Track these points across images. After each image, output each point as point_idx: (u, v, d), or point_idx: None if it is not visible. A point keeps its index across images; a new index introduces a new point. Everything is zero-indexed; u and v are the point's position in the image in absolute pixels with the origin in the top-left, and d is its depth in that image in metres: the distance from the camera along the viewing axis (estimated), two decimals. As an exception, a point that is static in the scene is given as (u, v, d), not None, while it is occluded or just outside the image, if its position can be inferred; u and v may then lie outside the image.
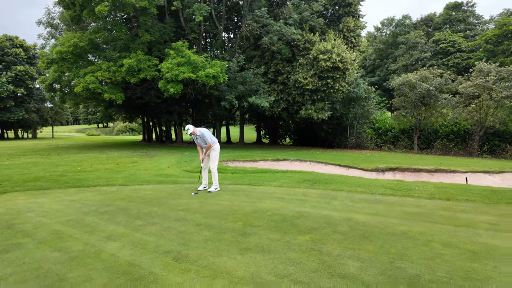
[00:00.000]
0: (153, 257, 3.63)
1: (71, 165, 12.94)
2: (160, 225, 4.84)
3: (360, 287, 2.83)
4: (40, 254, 3.79)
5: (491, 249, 3.59)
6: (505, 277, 2.95)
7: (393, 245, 3.77)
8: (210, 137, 7.00)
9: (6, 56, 48.08)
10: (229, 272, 3.20)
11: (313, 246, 3.80)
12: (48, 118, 56.43)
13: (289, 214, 5.14)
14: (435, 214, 5.00)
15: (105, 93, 21.11)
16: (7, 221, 5.20)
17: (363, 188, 6.99)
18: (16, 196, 7.30)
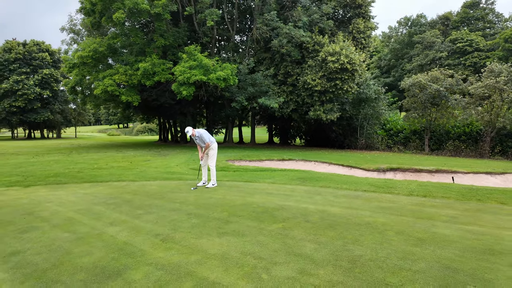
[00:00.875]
0: (145, 238, 4.30)
1: (89, 163, 13.97)
2: (157, 214, 5.52)
3: (308, 262, 3.38)
4: (53, 234, 4.54)
5: (438, 237, 4.04)
6: (437, 258, 3.41)
7: (352, 232, 4.28)
8: (208, 138, 7.65)
9: (34, 60, 50.81)
10: (204, 250, 3.82)
11: (281, 232, 4.36)
12: (71, 118, 59.10)
13: (271, 207, 5.71)
14: (405, 208, 5.43)
15: (122, 96, 22.27)
16: (29, 209, 6.03)
17: (349, 185, 7.45)
18: (38, 189, 8.20)
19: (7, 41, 51.42)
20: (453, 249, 3.65)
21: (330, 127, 26.93)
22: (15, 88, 47.13)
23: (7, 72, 48.36)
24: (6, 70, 48.45)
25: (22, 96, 47.67)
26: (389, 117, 28.78)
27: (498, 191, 7.03)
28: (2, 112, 48.09)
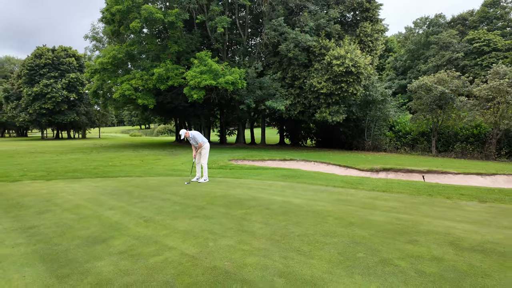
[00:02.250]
0: (132, 219, 5.37)
1: (104, 161, 15.41)
2: (149, 202, 6.60)
3: (249, 236, 4.31)
4: (62, 215, 5.69)
5: (366, 222, 4.85)
6: (352, 236, 4.24)
7: (298, 217, 5.16)
8: (201, 138, 8.69)
9: (62, 65, 54.09)
10: (174, 228, 4.82)
11: (242, 216, 5.31)
12: (95, 120, 62.29)
13: (244, 198, 6.66)
14: (358, 200, 6.23)
15: (139, 99, 23.83)
16: (47, 197, 7.28)
17: (324, 181, 8.27)
18: (57, 182, 9.53)
19: (38, 47, 55.04)
20: (371, 230, 4.47)
21: (338, 129, 27.45)
22: (44, 92, 50.44)
23: (38, 77, 51.81)
24: (37, 75, 51.92)
25: (50, 99, 50.95)
26: (398, 118, 28.92)
27: (455, 187, 7.63)
28: (33, 114, 51.56)
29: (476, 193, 6.79)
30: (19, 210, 6.13)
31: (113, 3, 22.49)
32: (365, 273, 3.20)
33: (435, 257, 3.53)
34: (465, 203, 5.99)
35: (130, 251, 3.92)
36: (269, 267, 3.38)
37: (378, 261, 3.48)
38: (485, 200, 6.14)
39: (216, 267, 3.42)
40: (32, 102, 51.47)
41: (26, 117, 52.28)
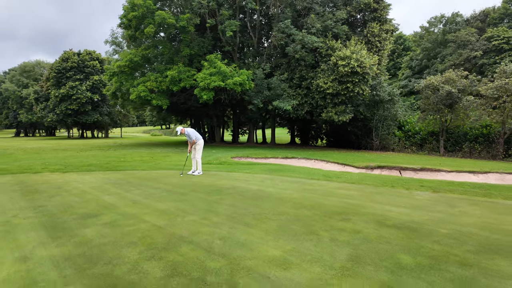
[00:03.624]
0: (124, 202, 6.33)
1: (118, 157, 16.70)
2: (143, 190, 7.57)
3: (212, 214, 5.14)
4: (68, 198, 6.74)
5: (317, 205, 5.57)
6: (294, 213, 4.98)
7: (263, 201, 5.94)
8: (195, 136, 9.61)
9: (86, 68, 57.04)
10: (154, 208, 5.73)
11: (215, 200, 6.15)
12: (117, 120, 65.12)
13: (225, 187, 7.51)
14: (323, 189, 6.92)
15: (153, 100, 25.21)
16: (60, 185, 8.41)
17: (304, 175, 8.97)
18: (71, 174, 10.74)
19: (65, 51, 58.27)
20: (317, 211, 5.19)
21: (347, 129, 27.77)
22: (70, 93, 53.43)
23: (64, 79, 54.90)
24: (63, 77, 55.03)
25: (76, 100, 53.90)
26: (408, 118, 28.86)
27: (419, 181, 8.14)
28: (59, 114, 54.71)
29: (436, 185, 7.30)
30: (34, 194, 7.26)
31: (129, 10, 23.97)
32: (289, 239, 3.96)
33: (354, 230, 4.23)
34: (418, 192, 6.55)
35: (112, 223, 4.86)
36: (215, 234, 4.21)
37: (305, 231, 4.22)
38: (438, 191, 6.65)
39: (175, 233, 4.28)
40: (59, 103, 54.63)
41: (53, 117, 55.54)
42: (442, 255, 3.40)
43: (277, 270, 3.13)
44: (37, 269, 3.29)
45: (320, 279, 2.95)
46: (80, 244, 3.97)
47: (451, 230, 4.19)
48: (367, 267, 3.16)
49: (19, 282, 3.00)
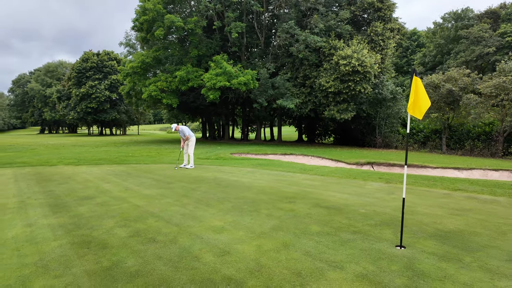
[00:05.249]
0: (118, 188, 7.48)
1: (127, 153, 18.10)
2: (137, 180, 8.72)
3: (186, 198, 6.18)
4: (73, 185, 7.98)
5: (276, 191, 6.50)
6: (255, 198, 5.94)
7: (233, 189, 6.94)
8: (188, 132, 10.71)
9: (105, 67, 59.59)
10: (141, 193, 6.84)
11: (193, 188, 7.20)
12: (134, 118, 67.63)
13: (209, 178, 8.55)
14: (291, 180, 7.84)
15: (163, 99, 26.60)
16: (69, 176, 9.71)
17: (285, 168, 9.88)
18: (82, 167, 12.09)
19: (85, 52, 61.04)
20: (272, 196, 6.13)
21: (350, 126, 28.28)
22: (90, 92, 56.11)
23: (84, 79, 57.63)
24: (83, 77, 57.77)
25: (95, 99, 56.57)
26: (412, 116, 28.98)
27: (385, 174, 8.88)
28: (80, 112, 57.54)
29: (392, 178, 8.06)
30: (47, 182, 8.55)
31: (141, 14, 25.40)
32: (234, 215, 4.95)
33: (291, 209, 5.17)
34: (372, 183, 7.35)
35: (103, 203, 5.99)
36: (179, 211, 5.25)
37: (251, 210, 5.20)
38: (390, 182, 7.43)
39: (148, 211, 5.36)
40: (79, 101, 57.46)
41: (74, 115, 58.45)
42: (344, 227, 4.30)
43: (211, 234, 4.13)
44: (38, 231, 4.43)
45: (239, 239, 3.93)
46: (73, 217, 5.10)
47: (369, 210, 5.06)
48: (280, 232, 4.12)
49: (23, 238, 4.14)
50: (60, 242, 3.96)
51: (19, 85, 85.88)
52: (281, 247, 3.65)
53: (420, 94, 3.36)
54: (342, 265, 3.14)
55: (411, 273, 2.96)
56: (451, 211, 4.99)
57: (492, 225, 4.30)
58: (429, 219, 4.59)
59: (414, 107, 3.41)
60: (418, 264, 3.14)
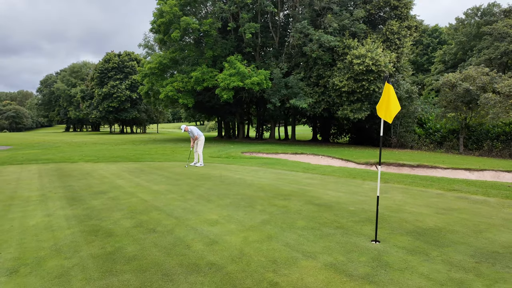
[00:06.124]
0: (130, 183, 8.05)
1: (144, 151, 18.89)
2: (149, 176, 9.29)
3: (190, 194, 6.65)
4: (90, 181, 8.63)
5: (274, 188, 6.85)
6: (253, 195, 6.31)
7: (235, 186, 7.34)
8: (197, 132, 11.21)
9: (125, 68, 61.53)
10: (150, 189, 7.36)
11: (199, 184, 7.66)
12: (154, 116, 69.45)
13: (214, 175, 9.00)
14: (292, 179, 8.15)
15: (180, 99, 27.39)
16: (88, 172, 10.43)
17: (289, 167, 10.19)
18: (100, 164, 12.85)
19: (107, 53, 63.22)
20: (269, 193, 6.48)
21: (364, 126, 28.09)
22: (111, 92, 58.14)
23: (106, 79, 59.75)
24: (105, 77, 59.91)
25: (116, 98, 58.55)
26: (430, 116, 28.49)
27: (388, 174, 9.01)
28: (102, 111, 59.73)
29: (391, 178, 8.20)
30: (67, 177, 9.26)
31: (158, 16, 26.25)
32: (230, 210, 5.35)
33: (283, 206, 5.52)
34: (369, 182, 7.55)
35: (114, 198, 6.54)
36: (181, 206, 5.70)
37: (247, 205, 5.58)
38: (388, 182, 7.60)
39: (153, 205, 5.85)
40: (101, 101, 59.63)
41: (97, 114, 60.71)
42: (328, 222, 4.61)
43: (205, 226, 4.55)
44: (54, 220, 4.99)
45: (229, 231, 4.32)
46: (86, 209, 5.66)
47: (358, 208, 5.32)
48: (268, 226, 4.48)
49: (42, 226, 4.71)
50: (72, 230, 4.49)
51: (46, 85, 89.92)
52: (265, 238, 4.01)
53: (391, 100, 3.63)
54: (316, 255, 3.47)
55: (376, 264, 3.25)
56: (437, 210, 5.18)
57: (471, 224, 4.49)
58: (412, 217, 4.82)
59: (386, 111, 3.68)
60: (385, 257, 3.42)
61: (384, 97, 3.69)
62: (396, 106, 3.65)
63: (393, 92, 3.65)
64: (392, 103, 3.65)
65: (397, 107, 3.64)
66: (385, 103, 3.68)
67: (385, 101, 3.68)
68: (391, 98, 3.65)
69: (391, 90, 3.66)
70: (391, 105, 3.65)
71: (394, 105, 3.65)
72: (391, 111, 3.64)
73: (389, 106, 3.66)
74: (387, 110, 3.68)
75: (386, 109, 3.69)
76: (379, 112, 3.75)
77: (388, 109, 3.67)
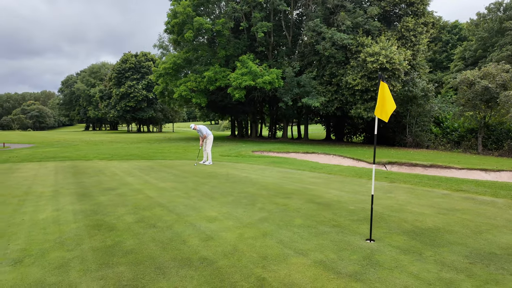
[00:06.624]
0: (139, 181, 8.28)
1: (157, 149, 19.27)
2: (158, 174, 9.50)
3: (194, 191, 6.78)
4: (101, 178, 8.91)
5: (277, 187, 6.89)
6: (255, 193, 6.37)
7: (239, 184, 7.42)
8: (206, 131, 11.37)
9: (142, 68, 62.76)
10: (157, 186, 7.55)
11: (204, 182, 7.79)
12: (169, 116, 70.58)
13: (222, 174, 9.12)
14: (296, 177, 8.16)
15: (193, 98, 27.74)
16: (100, 169, 10.76)
17: (296, 166, 10.18)
18: (114, 162, 13.22)
19: (124, 54, 64.67)
20: (271, 191, 6.53)
21: (378, 125, 27.62)
22: (128, 92, 59.47)
23: (124, 79, 61.15)
24: (123, 77, 61.31)
25: (133, 98, 59.84)
26: (448, 114, 27.71)
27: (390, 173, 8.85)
28: (120, 110, 61.18)
29: (398, 177, 8.05)
30: (81, 174, 9.60)
31: (172, 17, 26.68)
32: (231, 207, 5.43)
33: (283, 204, 5.55)
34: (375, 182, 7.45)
35: (121, 194, 6.75)
36: (183, 202, 5.83)
37: (247, 203, 5.65)
38: (394, 181, 7.48)
39: (157, 201, 6.00)
40: (119, 100, 61.08)
41: (115, 113, 62.23)
42: (326, 221, 4.61)
43: (204, 223, 4.65)
44: (63, 215, 5.22)
45: (226, 227, 4.41)
46: (93, 204, 5.88)
47: (358, 207, 5.30)
48: (265, 224, 4.53)
49: (50, 220, 4.93)
50: (78, 225, 4.68)
51: (67, 85, 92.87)
52: (260, 235, 4.07)
53: (387, 99, 3.61)
54: (307, 253, 3.50)
55: (366, 262, 3.25)
56: (439, 211, 5.08)
57: (473, 225, 4.39)
58: (412, 217, 4.75)
59: (382, 110, 3.66)
60: (377, 256, 3.41)
61: (379, 96, 3.67)
62: (391, 104, 3.62)
63: (387, 90, 3.63)
64: (387, 101, 3.63)
65: (392, 106, 3.62)
66: (380, 102, 3.67)
67: (380, 100, 3.66)
68: (386, 97, 3.63)
69: (385, 89, 3.64)
70: (386, 104, 3.63)
71: (389, 103, 3.62)
72: (387, 110, 3.62)
73: (385, 105, 3.64)
74: (383, 109, 3.66)
75: (382, 108, 3.67)
76: (375, 111, 3.73)
77: (383, 108, 3.65)
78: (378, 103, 3.69)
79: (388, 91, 3.64)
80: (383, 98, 3.64)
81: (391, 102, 3.62)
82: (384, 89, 3.63)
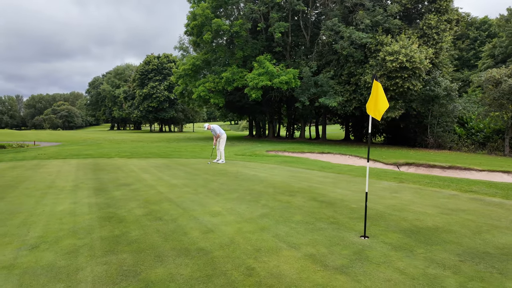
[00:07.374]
0: (153, 177, 8.64)
1: (174, 148, 19.82)
2: (172, 171, 9.85)
3: (202, 188, 7.03)
4: (118, 174, 9.36)
5: (284, 185, 7.01)
6: (261, 190, 6.52)
7: (246, 181, 7.60)
8: (219, 130, 11.64)
9: (164, 69, 64.36)
10: (169, 182, 7.86)
11: (214, 180, 8.03)
12: (190, 116, 71.96)
13: (232, 172, 9.34)
14: (305, 176, 8.23)
15: (211, 99, 28.24)
16: (119, 166, 11.27)
17: (307, 165, 10.24)
18: (133, 160, 13.77)
19: (147, 55, 66.56)
20: (278, 189, 6.65)
21: (399, 125, 27.00)
22: (151, 92, 61.19)
23: (146, 80, 62.96)
24: (146, 79, 63.14)
25: (155, 99, 61.52)
26: (473, 115, 26.66)
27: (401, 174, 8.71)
28: (143, 111, 63.06)
29: (408, 178, 7.93)
30: (100, 171, 10.12)
31: (191, 19, 27.29)
32: (235, 203, 5.62)
33: (286, 201, 5.67)
34: (383, 182, 7.38)
35: (135, 189, 7.11)
36: (191, 198, 6.09)
37: (252, 200, 5.82)
38: (403, 182, 7.38)
39: (167, 197, 6.29)
40: (142, 101, 62.96)
41: (138, 113, 64.21)
42: (325, 218, 4.70)
43: (207, 217, 4.87)
44: (79, 207, 5.60)
45: (227, 222, 4.60)
46: (108, 198, 6.24)
47: (360, 206, 5.33)
48: (265, 219, 4.69)
49: (67, 212, 5.31)
50: (91, 216, 5.03)
51: (93, 86, 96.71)
52: (258, 230, 4.23)
53: (380, 98, 3.67)
54: (299, 247, 3.62)
55: (356, 257, 3.34)
56: (442, 211, 5.04)
57: (474, 225, 4.34)
58: (412, 216, 4.75)
59: (375, 109, 3.73)
60: (368, 251, 3.49)
61: (372, 95, 3.74)
62: (384, 103, 3.68)
63: (381, 89, 3.69)
64: (380, 100, 3.69)
65: (385, 105, 3.67)
66: (373, 100, 3.73)
67: (373, 99, 3.73)
68: (379, 96, 3.69)
69: (379, 88, 3.70)
70: (379, 102, 3.69)
71: (382, 102, 3.68)
72: (380, 108, 3.68)
73: (378, 104, 3.71)
74: (376, 107, 3.72)
75: (375, 106, 3.73)
76: (368, 110, 3.80)
77: (376, 106, 3.72)
78: (370, 101, 3.76)
79: (382, 90, 3.70)
80: (376, 96, 3.70)
81: (384, 101, 3.68)
82: (378, 88, 3.69)
